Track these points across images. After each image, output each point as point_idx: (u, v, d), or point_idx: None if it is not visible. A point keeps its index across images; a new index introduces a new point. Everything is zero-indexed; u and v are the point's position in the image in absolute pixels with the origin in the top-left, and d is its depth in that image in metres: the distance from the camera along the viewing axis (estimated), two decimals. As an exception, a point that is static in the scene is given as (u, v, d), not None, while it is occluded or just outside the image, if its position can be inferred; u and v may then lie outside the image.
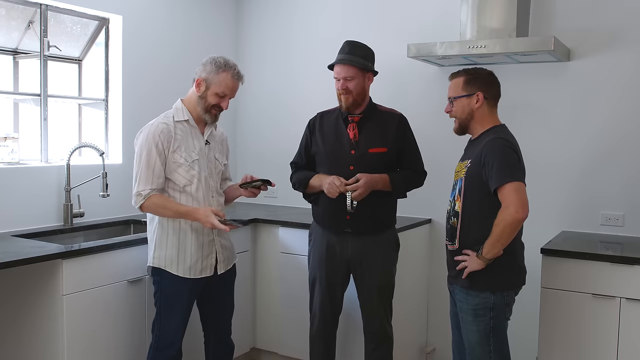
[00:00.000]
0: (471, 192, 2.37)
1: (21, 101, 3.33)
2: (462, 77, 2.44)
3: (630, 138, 3.08)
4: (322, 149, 2.84)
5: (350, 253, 2.80)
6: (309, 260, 2.94)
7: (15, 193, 2.99)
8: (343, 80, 2.73)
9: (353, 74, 2.73)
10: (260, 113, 4.25)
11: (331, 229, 2.82)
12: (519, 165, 2.33)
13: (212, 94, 2.58)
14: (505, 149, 2.32)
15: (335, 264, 2.82)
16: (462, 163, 2.47)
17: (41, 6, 3.17)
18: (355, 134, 2.79)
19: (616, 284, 2.59)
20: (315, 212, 2.92)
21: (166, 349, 2.61)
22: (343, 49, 2.78)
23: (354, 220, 2.75)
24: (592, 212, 3.17)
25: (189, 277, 2.60)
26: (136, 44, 3.59)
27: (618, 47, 3.08)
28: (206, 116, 2.63)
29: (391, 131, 2.80)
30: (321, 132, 2.88)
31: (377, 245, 2.80)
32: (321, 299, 2.87)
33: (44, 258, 2.45)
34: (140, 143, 2.57)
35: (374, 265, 2.79)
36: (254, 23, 4.28)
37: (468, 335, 2.42)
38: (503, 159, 2.30)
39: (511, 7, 3.05)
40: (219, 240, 2.69)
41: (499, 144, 2.33)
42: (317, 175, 2.82)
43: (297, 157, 2.99)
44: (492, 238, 2.29)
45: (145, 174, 2.52)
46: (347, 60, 2.72)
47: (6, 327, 2.71)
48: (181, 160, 2.56)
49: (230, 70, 2.58)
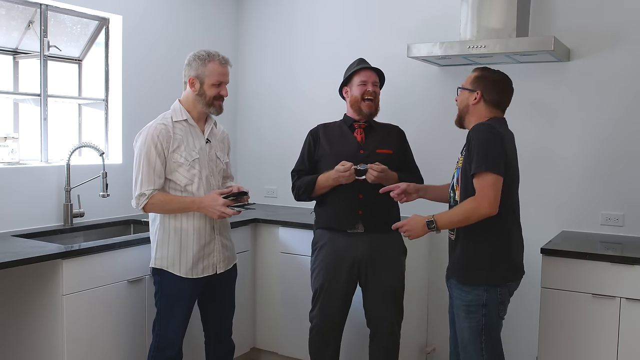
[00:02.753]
0: (465, 181, 2.36)
1: (21, 101, 3.33)
2: (476, 73, 2.48)
3: (631, 138, 3.07)
4: (329, 150, 2.85)
5: (360, 254, 2.76)
6: (313, 270, 2.86)
7: (15, 193, 2.99)
8: (372, 84, 2.83)
9: (378, 81, 2.88)
10: (260, 113, 4.25)
11: (341, 231, 2.78)
12: (500, 156, 2.27)
13: (209, 86, 2.59)
14: (489, 135, 2.29)
15: (343, 271, 2.77)
16: (461, 157, 2.47)
17: (41, 6, 3.17)
18: (362, 138, 2.85)
19: (616, 284, 2.59)
20: (321, 217, 2.88)
21: (167, 349, 2.61)
22: (362, 61, 2.90)
23: (367, 215, 2.74)
24: (592, 212, 3.17)
25: (191, 277, 2.60)
26: (136, 44, 3.59)
27: (618, 47, 3.09)
28: (211, 110, 2.63)
29: (393, 142, 2.89)
30: (326, 137, 2.90)
31: (388, 246, 2.79)
32: (326, 311, 2.79)
33: (44, 258, 2.45)
34: (139, 145, 2.57)
35: (386, 266, 2.77)
36: (254, 22, 4.28)
37: (461, 331, 2.41)
38: (486, 145, 2.27)
39: (511, 7, 3.05)
40: (220, 240, 2.69)
41: (483, 129, 2.31)
42: (322, 175, 2.79)
43: (299, 164, 2.95)
44: (453, 218, 2.33)
45: (147, 174, 2.52)
46: (377, 69, 2.87)
47: (6, 327, 2.71)
48: (181, 160, 2.56)
49: (215, 59, 2.62)
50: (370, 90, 2.82)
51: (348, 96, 2.88)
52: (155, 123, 2.59)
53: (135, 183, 2.55)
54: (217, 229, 2.68)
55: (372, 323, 2.82)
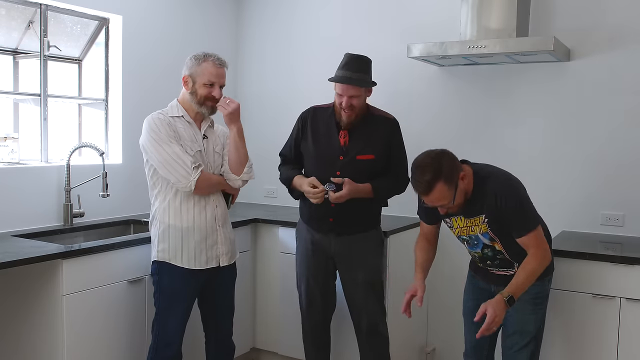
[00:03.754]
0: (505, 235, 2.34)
1: (21, 101, 3.33)
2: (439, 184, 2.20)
3: (630, 138, 3.07)
4: (312, 150, 2.85)
5: (334, 249, 2.83)
6: (297, 258, 2.98)
7: (15, 193, 2.99)
8: (348, 98, 2.68)
9: (358, 92, 2.69)
10: (261, 113, 4.25)
11: (315, 229, 2.86)
12: (529, 204, 2.35)
13: (200, 85, 2.59)
14: (514, 190, 2.32)
15: (320, 261, 2.86)
16: (470, 219, 2.37)
17: (41, 6, 3.17)
18: (346, 141, 2.78)
19: (616, 284, 2.59)
20: (301, 211, 2.97)
21: (166, 349, 2.61)
22: (347, 65, 2.70)
23: (338, 223, 2.78)
24: (592, 212, 3.17)
25: (194, 269, 2.60)
26: (136, 44, 3.59)
27: (618, 47, 3.08)
28: (202, 109, 2.64)
29: (380, 138, 2.78)
30: (312, 130, 2.87)
31: (361, 241, 2.82)
32: (308, 297, 2.90)
33: (44, 258, 2.45)
34: (148, 136, 2.55)
35: (359, 259, 2.81)
36: (254, 23, 4.28)
37: (525, 325, 2.40)
38: (522, 201, 2.32)
39: (511, 7, 3.05)
40: (223, 232, 2.69)
41: (505, 187, 2.31)
42: (297, 177, 2.85)
43: (286, 149, 3.00)
44: (526, 284, 2.26)
45: (182, 153, 2.52)
46: (355, 81, 2.67)
47: (6, 327, 2.71)
48: (187, 150, 2.57)
49: (210, 59, 2.60)
50: (344, 105, 2.68)
51: None
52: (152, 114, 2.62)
53: (171, 170, 2.51)
54: (219, 222, 2.68)
55: (353, 316, 2.89)
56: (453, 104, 3.52)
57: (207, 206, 2.63)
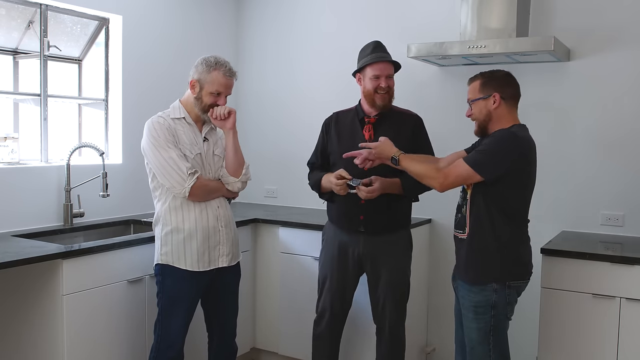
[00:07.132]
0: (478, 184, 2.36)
1: (21, 101, 3.33)
2: (478, 80, 2.44)
3: (630, 138, 3.07)
4: (337, 149, 2.84)
5: (362, 250, 2.78)
6: (320, 260, 2.93)
7: (15, 193, 2.99)
8: (386, 78, 2.73)
9: (392, 72, 2.77)
10: (261, 113, 4.25)
11: (344, 229, 2.82)
12: (496, 166, 2.29)
13: (207, 93, 2.59)
14: (504, 144, 2.31)
15: (347, 264, 2.81)
16: None
17: (41, 6, 3.17)
18: (371, 135, 2.79)
19: (616, 284, 2.59)
20: (329, 212, 2.93)
21: (167, 350, 2.61)
22: (377, 47, 2.78)
23: (368, 220, 2.75)
24: (592, 212, 3.17)
25: (197, 271, 2.59)
26: (136, 43, 3.59)
27: (618, 47, 3.09)
28: (205, 116, 2.63)
29: (406, 134, 2.79)
30: (337, 132, 2.88)
31: (391, 244, 2.79)
32: (331, 299, 2.85)
33: (44, 258, 2.45)
34: (148, 140, 2.55)
35: (387, 262, 2.77)
36: (254, 23, 4.28)
37: (469, 332, 2.41)
38: (494, 149, 2.31)
39: (511, 7, 3.05)
40: (225, 232, 2.68)
41: (504, 135, 2.33)
42: (325, 176, 2.82)
43: (313, 157, 3.00)
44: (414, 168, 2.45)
45: (178, 158, 2.51)
46: (391, 59, 2.74)
47: (6, 327, 2.71)
48: (187, 153, 2.57)
49: (221, 68, 2.58)
50: (384, 85, 2.72)
51: (361, 85, 2.81)
52: (154, 117, 2.61)
53: (169, 174, 2.51)
54: (221, 222, 2.67)
55: (375, 318, 2.85)
56: (453, 104, 3.52)
57: (208, 207, 2.63)
